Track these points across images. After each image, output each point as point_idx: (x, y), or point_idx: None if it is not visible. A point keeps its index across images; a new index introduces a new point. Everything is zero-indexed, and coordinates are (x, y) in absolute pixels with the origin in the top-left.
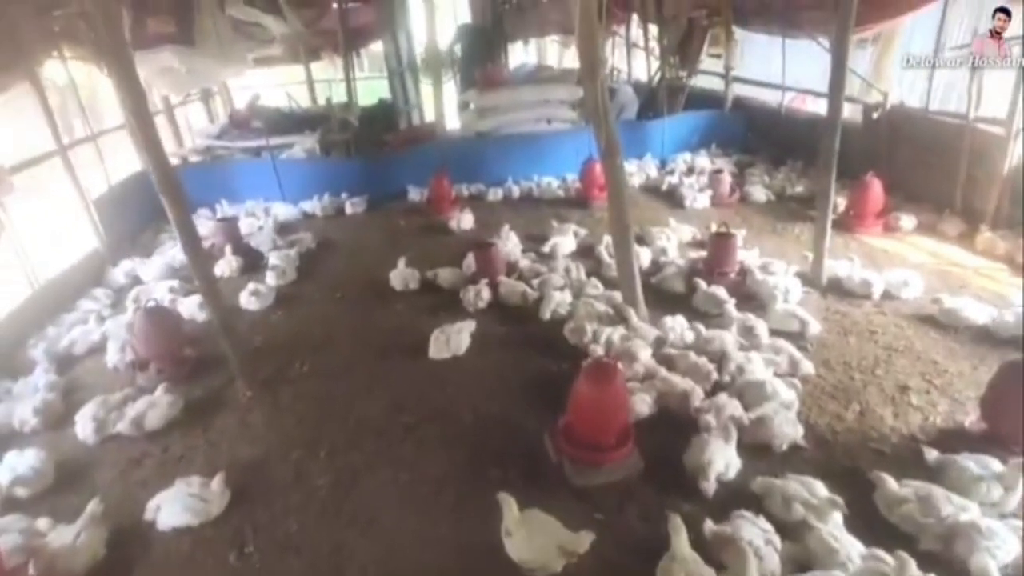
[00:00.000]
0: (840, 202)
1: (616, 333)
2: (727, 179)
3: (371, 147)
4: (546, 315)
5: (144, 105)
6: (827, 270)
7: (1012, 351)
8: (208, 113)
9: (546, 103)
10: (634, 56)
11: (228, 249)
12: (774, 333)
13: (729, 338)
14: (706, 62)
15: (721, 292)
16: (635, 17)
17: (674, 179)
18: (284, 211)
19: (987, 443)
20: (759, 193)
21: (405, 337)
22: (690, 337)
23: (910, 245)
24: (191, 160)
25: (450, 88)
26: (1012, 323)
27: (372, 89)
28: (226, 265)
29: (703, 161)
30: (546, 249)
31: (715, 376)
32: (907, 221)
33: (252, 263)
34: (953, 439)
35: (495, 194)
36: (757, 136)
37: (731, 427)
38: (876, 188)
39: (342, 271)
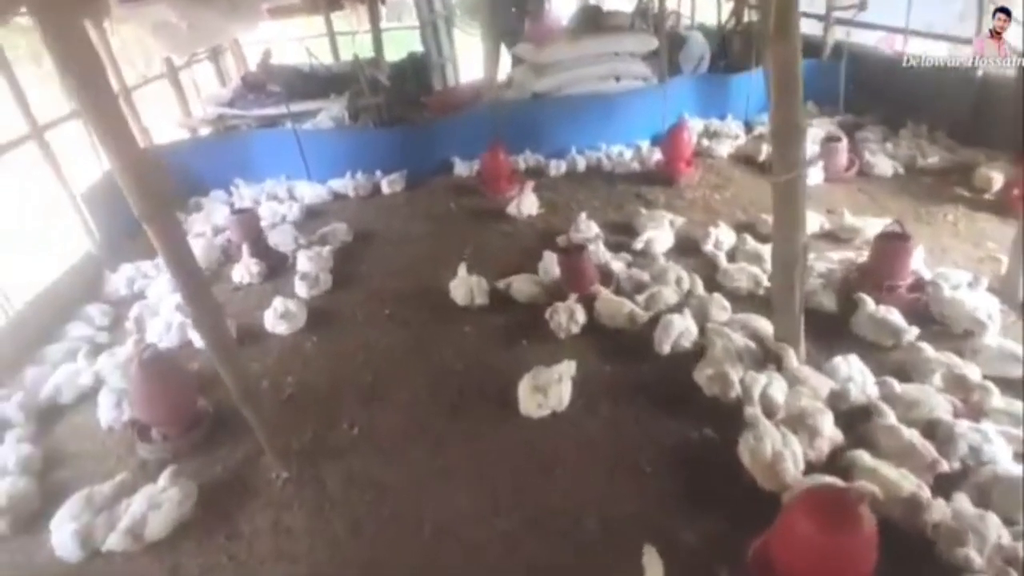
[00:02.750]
0: (995, 178)
1: (775, 385)
2: (844, 148)
3: (405, 111)
4: (665, 349)
5: (98, 74)
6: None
7: None
8: (219, 75)
9: (614, 56)
10: None
11: (246, 249)
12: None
13: (941, 401)
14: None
15: (895, 316)
16: None
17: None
18: (311, 192)
19: None
20: (884, 164)
21: (482, 380)
22: (874, 391)
23: None
24: (200, 132)
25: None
26: None
27: (396, 41)
28: (244, 270)
29: None
30: (638, 245)
31: (942, 465)
32: None
33: (276, 265)
34: None
35: (557, 167)
36: (864, 91)
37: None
38: None
39: (387, 275)
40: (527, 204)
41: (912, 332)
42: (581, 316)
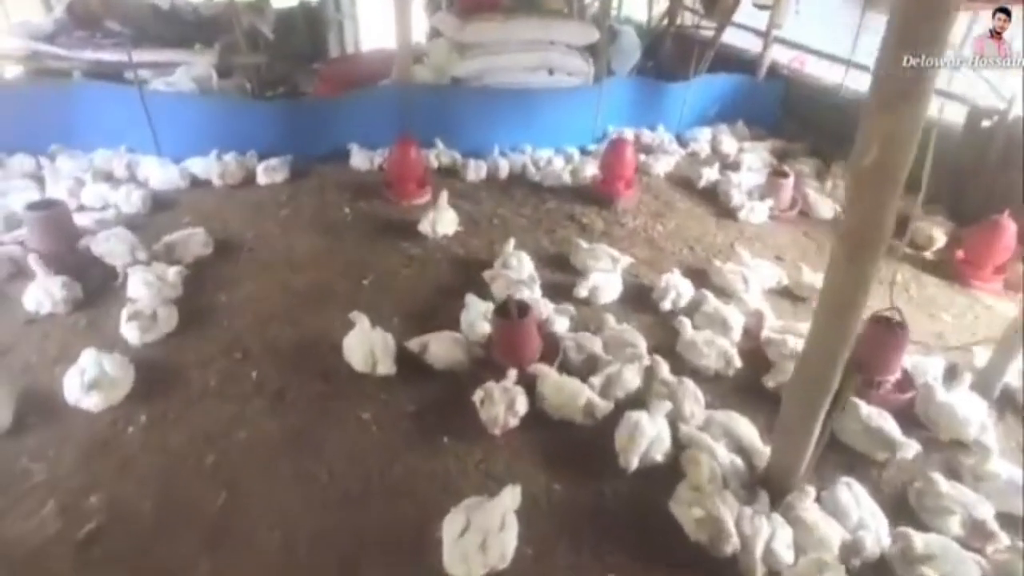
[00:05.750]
0: (935, 236)
1: (779, 537)
2: (790, 185)
3: (290, 73)
4: (632, 463)
5: None
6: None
7: None
8: None
9: (549, 45)
10: None
11: (39, 263)
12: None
13: (969, 564)
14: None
15: (890, 425)
16: None
17: (712, 172)
18: (160, 173)
19: None
20: (823, 206)
21: (389, 513)
22: (887, 541)
23: None
24: (3, 72)
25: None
26: None
27: None
28: (43, 294)
29: (729, 142)
30: (582, 292)
31: None
32: None
33: (98, 285)
34: None
35: (476, 169)
36: (793, 117)
37: None
38: (1010, 232)
39: (256, 314)
40: (444, 220)
41: (911, 448)
42: (522, 404)
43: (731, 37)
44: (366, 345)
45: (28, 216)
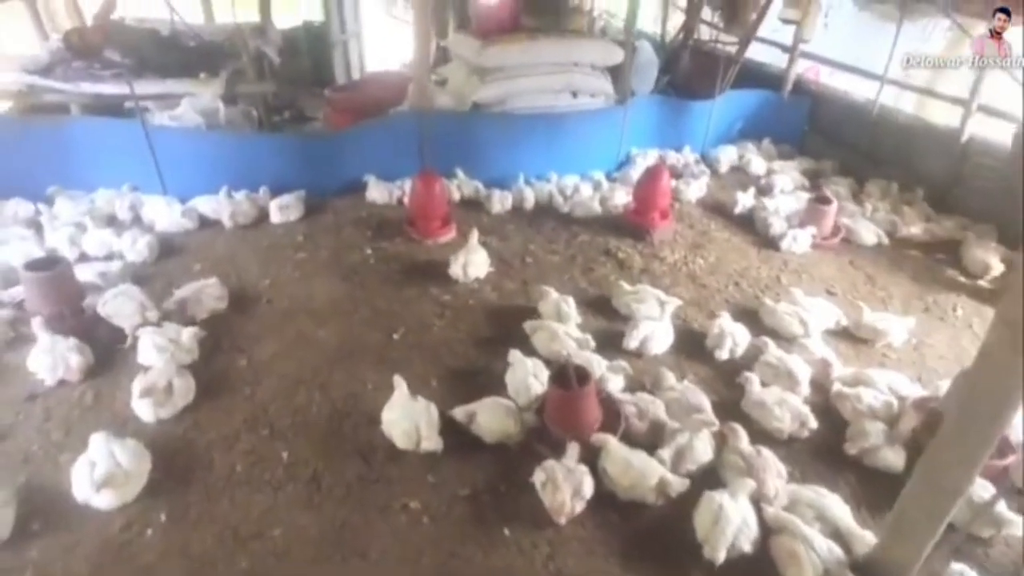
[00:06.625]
0: (991, 264)
1: None
2: (833, 211)
3: (295, 96)
4: (720, 556)
5: None
6: None
7: None
8: (38, 25)
9: (573, 67)
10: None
11: (42, 328)
12: None
13: None
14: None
15: (992, 495)
16: None
17: (747, 197)
18: (167, 215)
19: None
20: (866, 231)
21: None
22: None
23: None
24: None
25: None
26: None
27: (286, 2)
28: (49, 362)
29: (758, 162)
30: (632, 343)
31: None
32: None
33: (104, 349)
34: None
35: (501, 201)
36: (820, 133)
37: None
38: None
39: (280, 379)
40: (475, 263)
41: (1017, 524)
42: (588, 486)
43: (749, 50)
44: (408, 419)
45: (27, 277)
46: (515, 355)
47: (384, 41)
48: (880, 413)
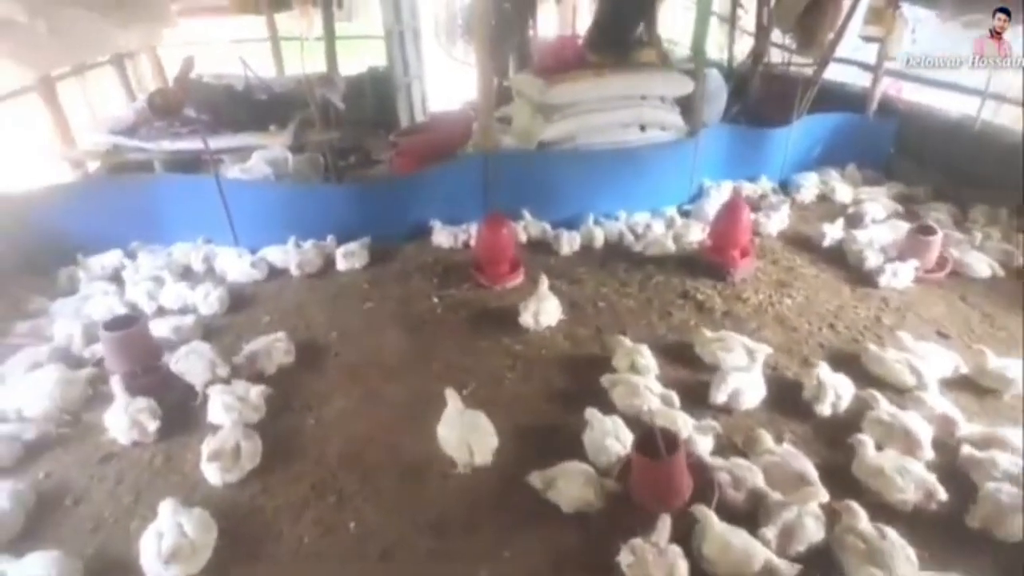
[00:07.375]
0: None
1: None
2: (938, 242)
3: (360, 141)
4: None
5: None
6: None
7: None
8: (125, 85)
9: (640, 101)
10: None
11: (120, 387)
12: None
13: None
14: (845, 45)
15: None
16: None
17: (835, 228)
18: (237, 265)
19: None
20: (978, 262)
21: None
22: None
23: None
24: (88, 168)
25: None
26: None
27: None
28: (126, 422)
29: (843, 189)
30: (720, 398)
31: None
32: None
33: (176, 407)
34: None
35: (570, 241)
36: (909, 155)
37: None
38: None
39: (349, 439)
40: (547, 311)
41: None
42: (683, 570)
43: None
44: (460, 433)
45: (106, 337)
46: (594, 414)
47: (447, 82)
48: (1020, 481)
